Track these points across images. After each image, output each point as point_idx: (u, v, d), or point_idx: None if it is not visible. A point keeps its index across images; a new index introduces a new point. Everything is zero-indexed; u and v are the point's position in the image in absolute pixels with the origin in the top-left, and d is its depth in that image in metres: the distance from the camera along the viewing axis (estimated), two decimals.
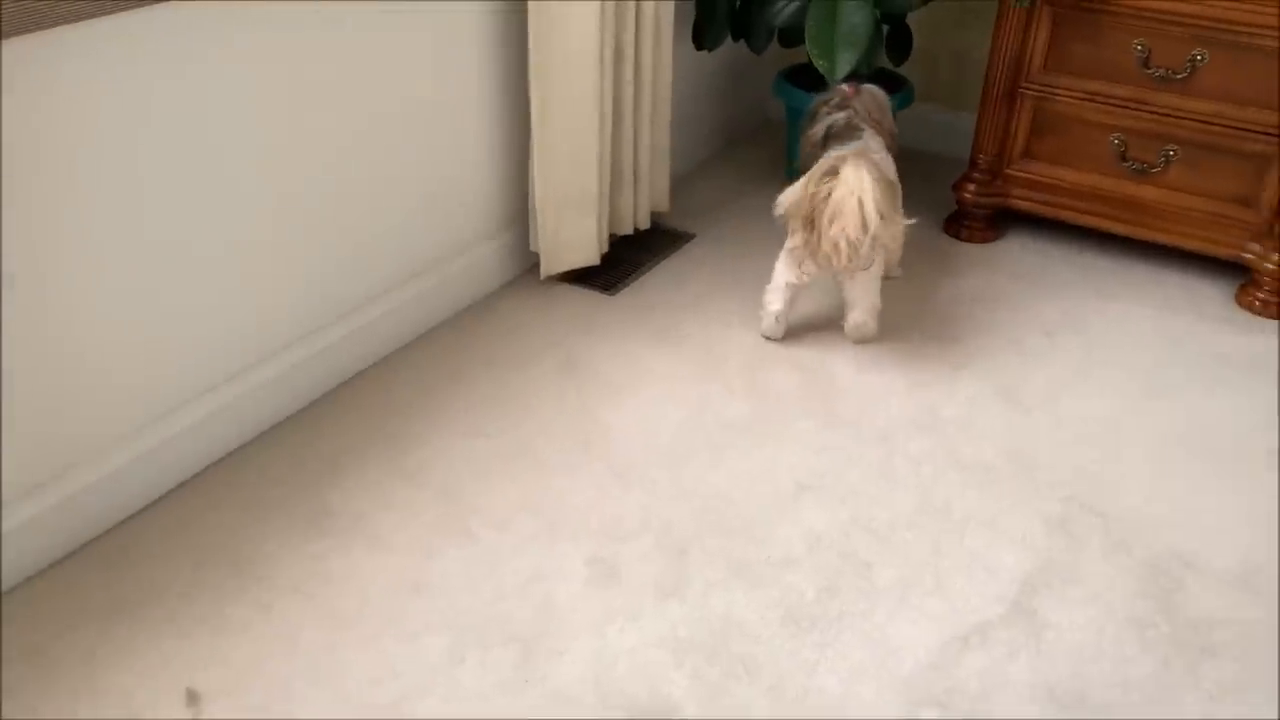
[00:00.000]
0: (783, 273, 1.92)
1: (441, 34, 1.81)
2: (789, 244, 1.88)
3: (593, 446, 1.71)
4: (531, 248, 2.11)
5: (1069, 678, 1.34)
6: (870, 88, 2.04)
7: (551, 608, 1.41)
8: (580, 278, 2.15)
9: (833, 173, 1.76)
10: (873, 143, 1.94)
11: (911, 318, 2.07)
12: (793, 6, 2.14)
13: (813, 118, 2.01)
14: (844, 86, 2.00)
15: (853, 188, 1.72)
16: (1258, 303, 2.12)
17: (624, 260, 2.22)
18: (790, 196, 1.83)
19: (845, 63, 1.98)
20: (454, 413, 1.78)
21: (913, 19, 2.50)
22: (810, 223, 1.79)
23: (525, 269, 2.18)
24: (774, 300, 1.94)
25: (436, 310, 2.00)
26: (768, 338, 1.98)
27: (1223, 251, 2.15)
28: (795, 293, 1.94)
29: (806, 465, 1.68)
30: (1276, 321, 2.10)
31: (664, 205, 2.32)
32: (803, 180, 1.83)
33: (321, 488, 1.61)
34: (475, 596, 1.43)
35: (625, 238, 2.26)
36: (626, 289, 2.14)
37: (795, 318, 2.01)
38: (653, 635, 1.38)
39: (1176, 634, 1.41)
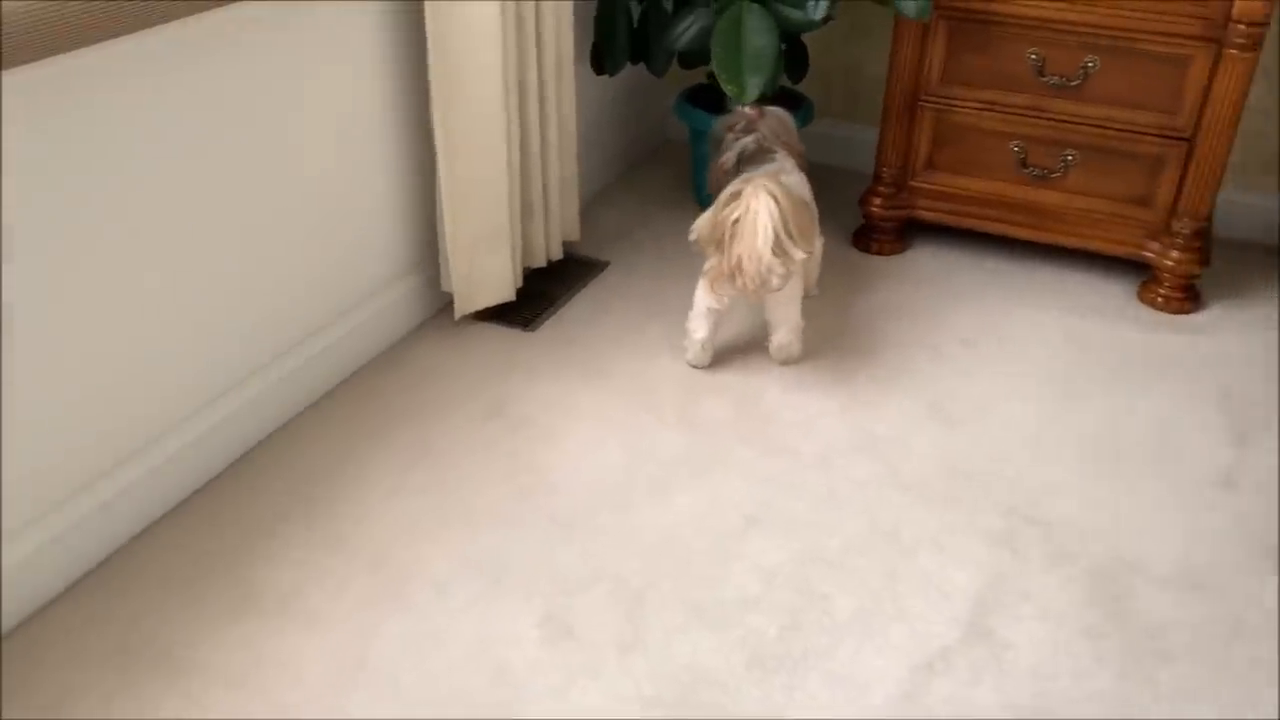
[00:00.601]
0: (703, 299, 1.89)
1: (339, 73, 1.73)
2: (704, 268, 1.87)
3: (530, 495, 1.64)
4: (443, 287, 2.04)
5: (1034, 697, 1.34)
6: (775, 109, 2.03)
7: (507, 674, 1.35)
8: (496, 315, 2.08)
9: (739, 196, 1.75)
10: (786, 164, 1.93)
11: (833, 335, 2.06)
12: (693, 30, 2.12)
13: (719, 144, 2.00)
14: (748, 110, 1.99)
15: (755, 210, 1.71)
16: (1159, 299, 2.18)
17: (540, 294, 2.16)
18: (702, 222, 1.82)
19: (755, 86, 1.96)
20: (378, 470, 1.69)
21: (806, 36, 2.51)
22: (721, 246, 1.78)
23: (438, 309, 2.11)
24: (698, 328, 1.91)
25: (348, 361, 1.91)
26: (694, 366, 1.95)
27: (1123, 251, 2.21)
28: (718, 318, 1.91)
29: (751, 497, 1.65)
30: (1179, 316, 2.16)
31: (575, 234, 2.27)
32: (714, 205, 1.82)
33: (243, 564, 1.51)
34: (424, 669, 1.35)
35: (539, 270, 2.20)
36: (546, 324, 2.08)
37: (718, 342, 1.98)
38: (617, 693, 1.32)
39: (1129, 642, 1.42)
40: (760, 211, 1.69)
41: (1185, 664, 1.39)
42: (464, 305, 2.02)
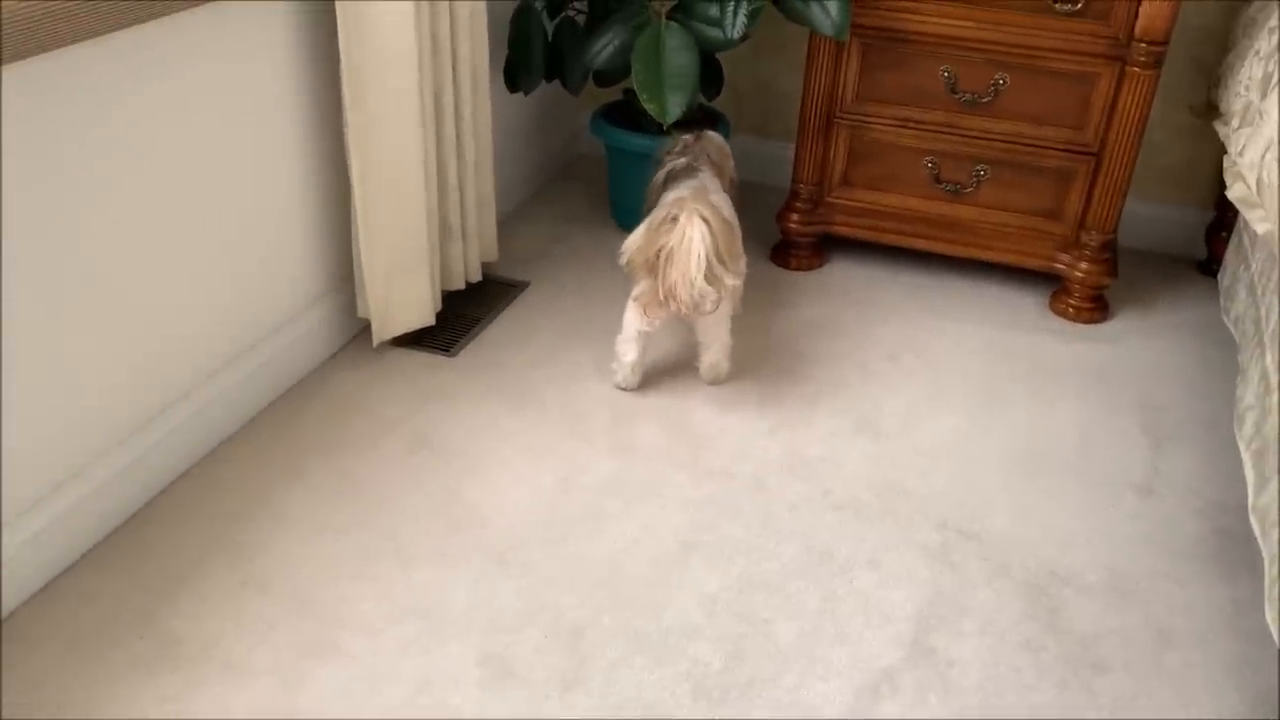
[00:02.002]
0: (632, 321, 1.87)
1: (251, 95, 1.66)
2: (635, 292, 1.85)
3: (461, 529, 1.59)
4: (359, 313, 1.97)
5: (979, 713, 1.35)
6: (712, 134, 2.04)
7: (448, 718, 1.30)
8: (416, 340, 2.03)
9: (673, 220, 1.74)
10: (710, 183, 1.93)
11: (758, 353, 2.06)
12: (610, 48, 2.10)
13: (657, 165, 1.99)
14: (686, 136, 1.99)
15: (689, 236, 1.71)
16: (1070, 309, 2.24)
17: (460, 317, 2.11)
18: (633, 244, 1.81)
19: (676, 105, 1.95)
20: (299, 508, 1.62)
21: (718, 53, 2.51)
22: (653, 269, 1.76)
23: (355, 334, 2.04)
24: (628, 351, 1.89)
25: (263, 393, 1.83)
26: (624, 388, 1.92)
27: (1035, 263, 2.26)
28: (647, 340, 1.89)
29: (688, 522, 1.63)
30: (1089, 326, 2.22)
31: (493, 255, 2.23)
32: (643, 227, 1.80)
33: (161, 612, 1.43)
34: (360, 718, 1.29)
35: (457, 293, 2.15)
36: (467, 348, 2.03)
37: (646, 363, 1.96)
38: None
39: (1066, 653, 1.44)
40: (694, 238, 1.68)
41: (1120, 673, 1.42)
42: (382, 331, 1.96)
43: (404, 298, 1.96)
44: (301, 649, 1.38)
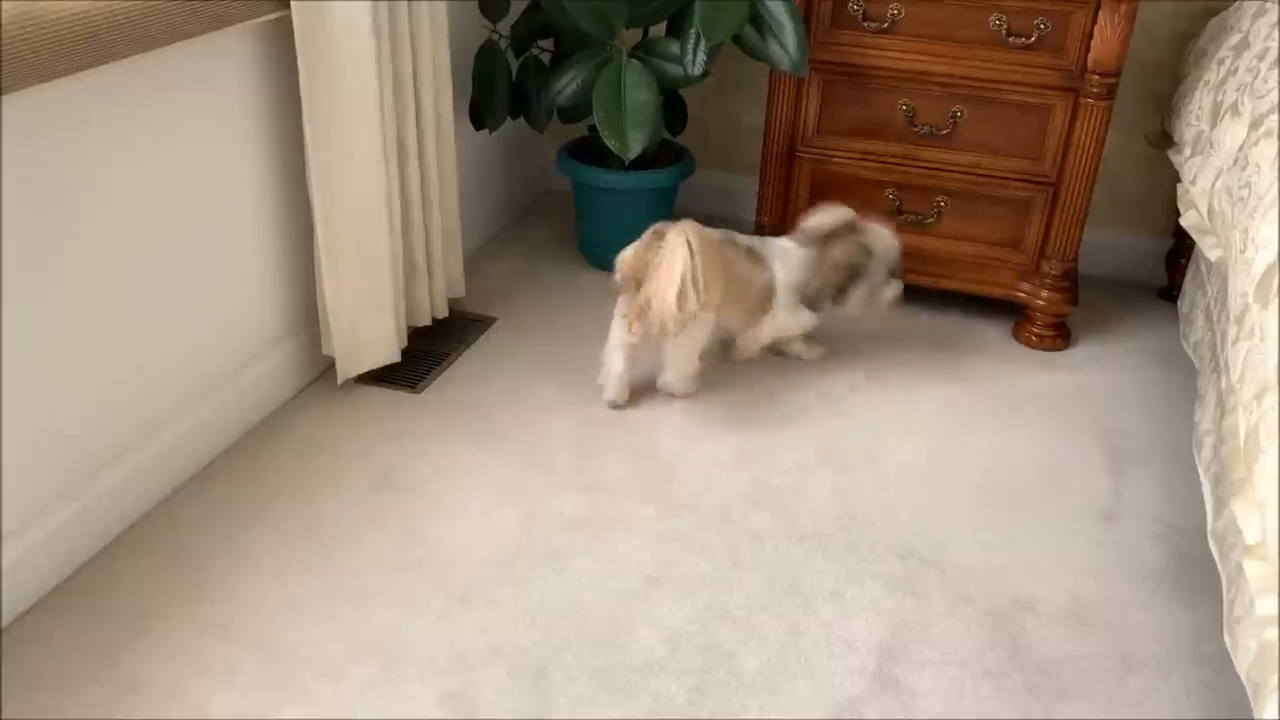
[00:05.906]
0: (617, 332, 1.92)
1: (211, 133, 1.66)
2: (620, 305, 1.89)
3: (424, 569, 1.59)
4: (324, 351, 1.97)
5: None
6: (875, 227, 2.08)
7: None
8: (381, 377, 2.02)
9: (659, 236, 1.81)
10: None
11: (725, 383, 2.07)
12: (573, 86, 2.12)
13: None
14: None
15: (669, 252, 1.77)
16: (1034, 337, 2.26)
17: (426, 353, 2.11)
18: (625, 259, 1.86)
19: (637, 142, 1.97)
20: (261, 549, 1.61)
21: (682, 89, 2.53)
22: (639, 285, 1.80)
23: (320, 372, 2.03)
24: (615, 361, 1.94)
25: (225, 433, 1.82)
26: (613, 403, 1.96)
27: (997, 292, 2.28)
28: (632, 350, 1.94)
29: (652, 556, 1.63)
30: (1052, 353, 2.24)
31: (460, 291, 2.23)
32: (637, 242, 1.86)
33: (121, 655, 1.41)
34: None
35: (424, 329, 2.15)
36: (433, 384, 2.03)
37: (631, 380, 1.97)
38: None
39: (1029, 681, 1.45)
40: (675, 260, 1.74)
41: (1083, 700, 1.42)
42: (347, 368, 1.96)
43: (369, 335, 1.96)
44: (264, 692, 1.37)
